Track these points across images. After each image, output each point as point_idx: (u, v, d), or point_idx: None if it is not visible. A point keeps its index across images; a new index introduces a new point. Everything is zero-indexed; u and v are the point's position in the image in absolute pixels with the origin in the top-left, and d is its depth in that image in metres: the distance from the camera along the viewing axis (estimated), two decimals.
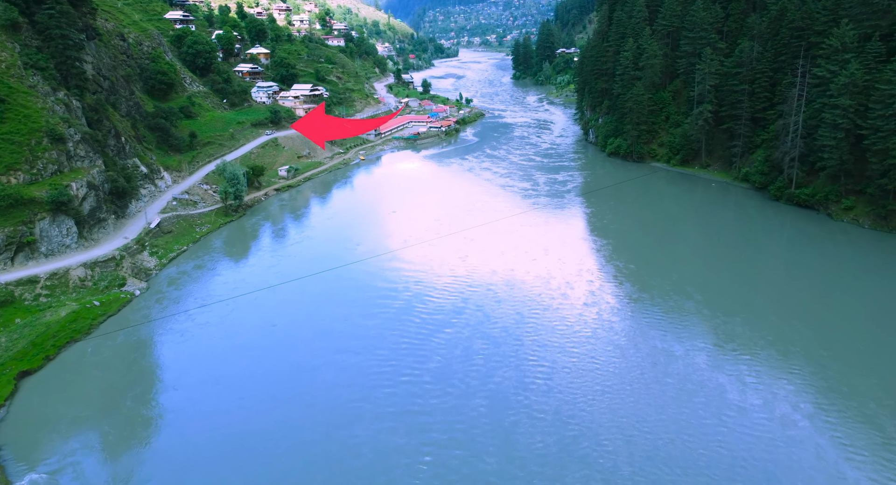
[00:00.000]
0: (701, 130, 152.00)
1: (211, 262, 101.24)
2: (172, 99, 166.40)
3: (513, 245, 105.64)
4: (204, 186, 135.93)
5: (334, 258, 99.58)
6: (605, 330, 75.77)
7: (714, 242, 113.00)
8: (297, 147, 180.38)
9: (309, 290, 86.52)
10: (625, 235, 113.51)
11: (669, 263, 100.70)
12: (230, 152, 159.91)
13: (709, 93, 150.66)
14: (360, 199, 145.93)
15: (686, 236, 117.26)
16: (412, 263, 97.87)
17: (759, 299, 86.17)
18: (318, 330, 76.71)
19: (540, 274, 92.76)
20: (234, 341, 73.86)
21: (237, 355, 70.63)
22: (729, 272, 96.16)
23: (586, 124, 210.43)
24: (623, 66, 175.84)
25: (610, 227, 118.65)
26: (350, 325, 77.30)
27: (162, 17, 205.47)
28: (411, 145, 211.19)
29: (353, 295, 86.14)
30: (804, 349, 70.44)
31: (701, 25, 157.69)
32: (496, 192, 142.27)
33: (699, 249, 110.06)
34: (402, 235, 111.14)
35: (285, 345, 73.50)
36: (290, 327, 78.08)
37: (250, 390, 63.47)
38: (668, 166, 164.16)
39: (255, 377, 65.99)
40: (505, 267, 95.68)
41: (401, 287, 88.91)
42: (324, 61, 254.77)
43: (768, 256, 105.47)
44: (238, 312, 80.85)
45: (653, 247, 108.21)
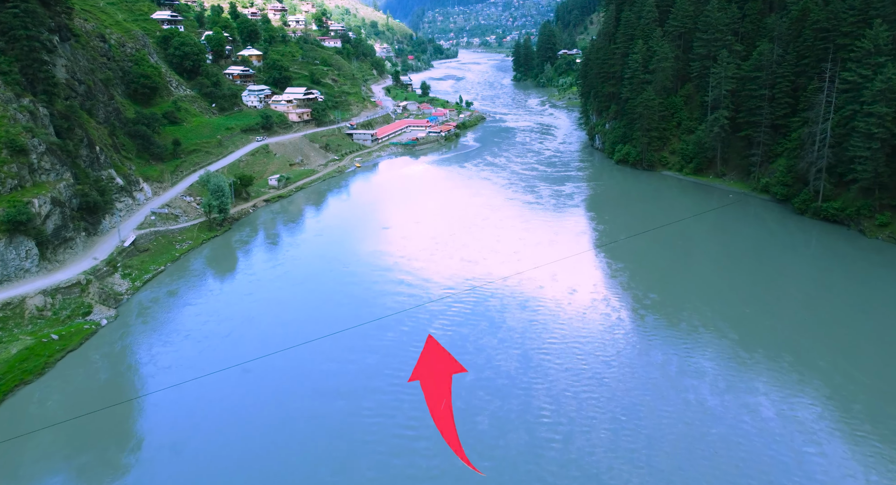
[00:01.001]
0: (716, 138, 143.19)
1: (186, 286, 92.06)
2: (157, 104, 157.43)
3: (513, 268, 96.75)
4: (187, 198, 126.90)
5: (319, 284, 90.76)
6: (628, 380, 66.85)
7: (733, 259, 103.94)
8: (290, 154, 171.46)
9: (280, 366, 69.99)
10: (638, 252, 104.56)
11: (687, 285, 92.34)
12: (217, 160, 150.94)
13: (725, 98, 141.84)
14: (353, 211, 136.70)
15: (703, 251, 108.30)
16: (402, 294, 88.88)
17: (787, 328, 77.43)
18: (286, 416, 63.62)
19: (551, 308, 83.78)
20: (202, 394, 64.40)
21: (206, 414, 61.27)
22: (751, 295, 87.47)
23: (592, 130, 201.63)
24: (632, 70, 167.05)
25: (623, 243, 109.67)
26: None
27: (149, 17, 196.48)
28: (409, 151, 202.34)
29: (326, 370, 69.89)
30: (870, 408, 60.20)
31: (716, 26, 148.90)
32: (498, 204, 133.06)
33: (717, 267, 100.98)
34: (392, 257, 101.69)
35: (261, 403, 64.47)
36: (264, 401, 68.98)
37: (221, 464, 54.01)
38: (680, 175, 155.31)
39: (227, 446, 56.47)
40: (507, 295, 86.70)
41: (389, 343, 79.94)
42: (319, 63, 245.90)
43: (793, 276, 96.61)
44: (207, 354, 71.47)
45: (669, 265, 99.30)
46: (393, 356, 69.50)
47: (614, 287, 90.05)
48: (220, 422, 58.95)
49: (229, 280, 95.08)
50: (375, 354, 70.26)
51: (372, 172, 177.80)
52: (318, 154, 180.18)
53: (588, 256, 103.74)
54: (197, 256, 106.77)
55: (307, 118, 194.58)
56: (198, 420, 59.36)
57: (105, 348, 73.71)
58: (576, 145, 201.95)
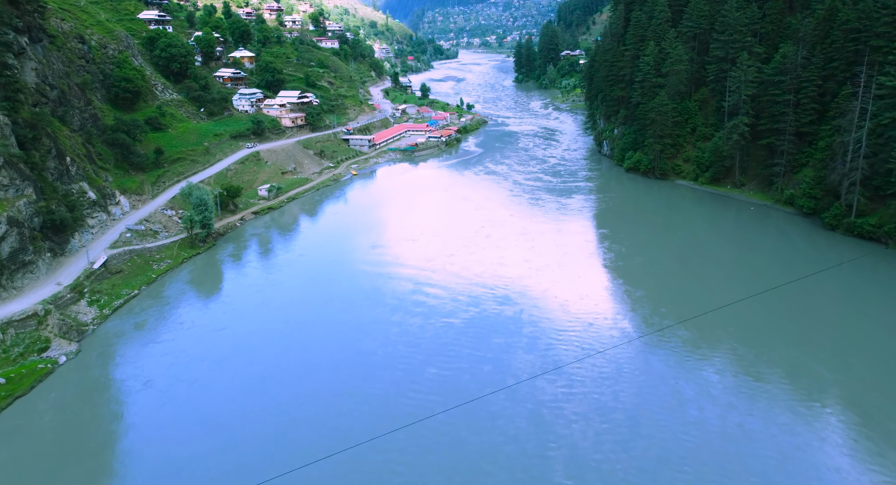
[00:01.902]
0: (735, 146, 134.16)
1: (156, 317, 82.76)
2: (140, 109, 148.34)
3: (519, 292, 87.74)
4: (168, 211, 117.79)
5: (300, 316, 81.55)
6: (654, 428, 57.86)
7: (755, 276, 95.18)
8: (282, 162, 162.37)
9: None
10: (656, 272, 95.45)
11: (709, 307, 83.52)
12: (204, 169, 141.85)
13: (745, 104, 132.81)
14: (345, 225, 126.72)
15: (724, 270, 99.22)
16: (393, 323, 79.85)
17: (821, 357, 68.72)
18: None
19: (566, 338, 74.73)
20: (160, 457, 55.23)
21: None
22: (775, 317, 79.57)
23: (599, 135, 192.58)
24: (643, 73, 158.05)
25: (639, 262, 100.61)
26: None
27: (135, 17, 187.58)
28: (408, 158, 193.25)
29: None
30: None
31: (735, 27, 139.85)
32: (501, 219, 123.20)
33: (738, 284, 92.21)
34: (383, 282, 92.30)
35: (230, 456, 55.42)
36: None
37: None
38: (695, 185, 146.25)
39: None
40: (513, 330, 77.63)
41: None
42: (315, 65, 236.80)
43: (822, 296, 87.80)
44: (169, 408, 62.16)
45: (688, 286, 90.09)
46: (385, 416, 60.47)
47: (628, 308, 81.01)
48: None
49: (204, 309, 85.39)
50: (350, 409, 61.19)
51: (369, 179, 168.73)
52: (311, 161, 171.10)
53: (600, 274, 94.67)
54: (175, 277, 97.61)
55: (301, 123, 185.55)
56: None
57: (57, 394, 64.66)
58: (582, 152, 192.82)
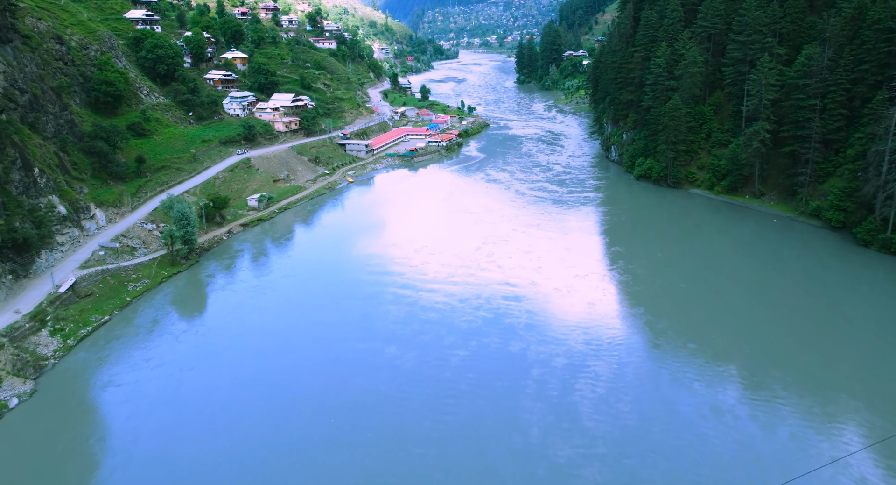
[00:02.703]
0: (755, 154, 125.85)
1: (122, 350, 74.27)
2: (123, 113, 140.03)
3: (525, 322, 79.56)
4: (148, 225, 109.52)
5: (280, 351, 73.00)
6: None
7: (777, 295, 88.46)
8: (274, 169, 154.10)
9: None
10: (678, 298, 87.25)
11: (729, 325, 76.72)
12: (190, 178, 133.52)
13: (765, 108, 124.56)
14: (337, 240, 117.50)
15: (752, 295, 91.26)
16: (385, 359, 71.72)
17: (858, 387, 60.83)
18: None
19: (581, 381, 66.56)
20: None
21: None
22: (802, 340, 73.65)
23: (607, 140, 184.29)
24: (655, 75, 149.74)
25: (658, 286, 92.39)
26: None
27: (121, 16, 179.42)
28: (408, 163, 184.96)
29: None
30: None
31: (754, 27, 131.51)
32: (503, 234, 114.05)
33: (759, 304, 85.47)
34: (376, 314, 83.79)
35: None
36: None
37: None
38: (710, 194, 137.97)
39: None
40: (519, 371, 69.47)
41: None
42: (310, 67, 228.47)
43: (853, 319, 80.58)
44: (130, 469, 53.77)
45: (716, 315, 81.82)
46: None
47: (650, 343, 72.74)
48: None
49: (175, 342, 76.11)
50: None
51: (365, 187, 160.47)
52: (305, 168, 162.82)
53: (615, 302, 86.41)
54: (150, 301, 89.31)
55: (295, 128, 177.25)
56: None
57: (8, 444, 56.43)
58: (588, 158, 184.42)
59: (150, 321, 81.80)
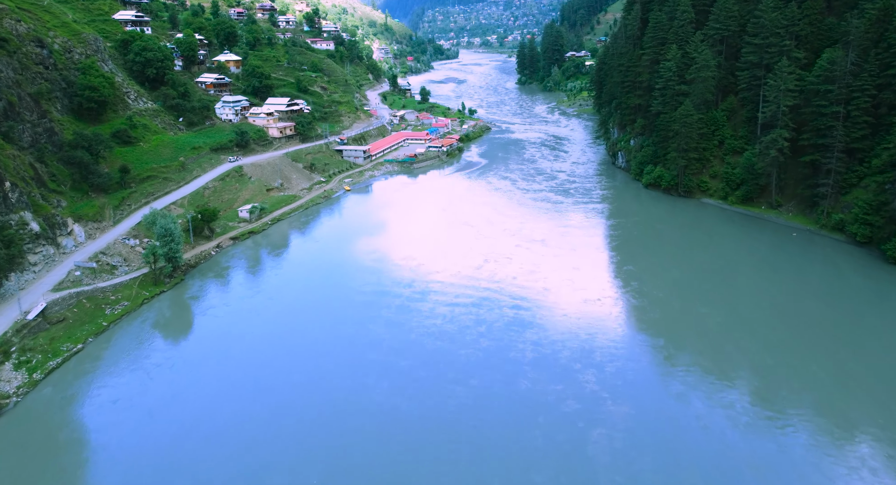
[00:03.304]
0: (772, 163, 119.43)
1: (89, 387, 67.68)
2: (109, 120, 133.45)
3: (532, 358, 73.20)
4: (130, 240, 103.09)
5: (262, 386, 66.58)
6: None
7: (800, 315, 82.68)
8: (268, 177, 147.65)
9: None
10: (702, 326, 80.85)
11: (748, 346, 70.88)
12: (177, 188, 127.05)
13: (784, 115, 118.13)
14: (331, 255, 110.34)
15: (769, 311, 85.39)
16: (374, 403, 65.39)
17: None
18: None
19: (598, 431, 60.17)
20: None
21: None
22: (829, 364, 68.40)
23: (614, 146, 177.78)
24: (665, 79, 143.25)
25: (678, 312, 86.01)
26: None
27: (109, 17, 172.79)
28: (407, 170, 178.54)
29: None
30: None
31: (771, 29, 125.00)
32: (505, 251, 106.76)
33: (780, 324, 79.85)
34: (365, 339, 77.28)
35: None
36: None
37: None
38: (724, 204, 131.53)
39: None
40: (526, 420, 63.11)
41: None
42: (307, 69, 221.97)
43: (883, 342, 74.44)
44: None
45: (745, 345, 75.36)
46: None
47: (678, 380, 66.32)
48: None
49: (146, 379, 68.30)
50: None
51: (363, 196, 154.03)
52: (300, 176, 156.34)
53: (633, 331, 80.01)
54: (128, 326, 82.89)
55: (290, 133, 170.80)
56: None
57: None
58: (594, 164, 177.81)
59: (124, 352, 75.17)
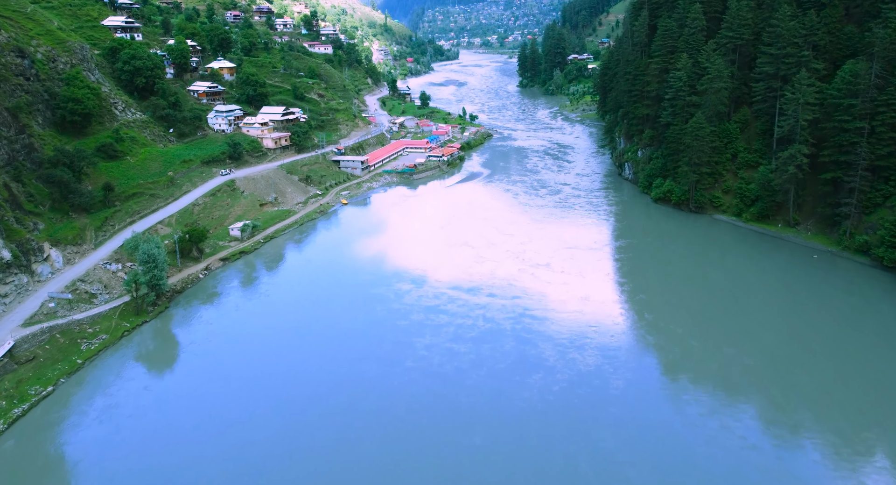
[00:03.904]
0: (790, 179, 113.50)
1: (53, 440, 61.75)
2: (95, 133, 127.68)
3: (541, 411, 67.34)
4: (112, 265, 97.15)
5: (246, 441, 60.65)
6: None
7: (823, 344, 77.78)
8: (261, 191, 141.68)
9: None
10: (728, 366, 74.96)
11: (769, 377, 64.63)
12: (165, 206, 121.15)
13: (803, 130, 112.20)
14: (324, 279, 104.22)
15: (781, 331, 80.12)
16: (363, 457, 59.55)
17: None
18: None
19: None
20: None
21: None
22: (858, 400, 63.04)
23: (620, 157, 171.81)
24: (675, 89, 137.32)
25: (699, 350, 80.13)
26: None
27: (98, 23, 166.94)
28: (406, 181, 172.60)
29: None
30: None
31: (788, 39, 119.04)
32: (508, 275, 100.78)
33: (803, 352, 74.98)
34: (354, 381, 71.89)
35: None
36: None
37: None
38: (738, 221, 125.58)
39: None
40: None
41: None
42: (304, 75, 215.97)
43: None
44: None
45: (753, 373, 69.61)
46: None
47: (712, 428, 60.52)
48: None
49: (115, 433, 62.19)
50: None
51: (361, 209, 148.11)
52: (296, 189, 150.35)
53: (651, 374, 74.13)
54: (104, 363, 76.99)
55: (285, 144, 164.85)
56: None
57: None
58: (599, 176, 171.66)
59: (95, 396, 69.14)
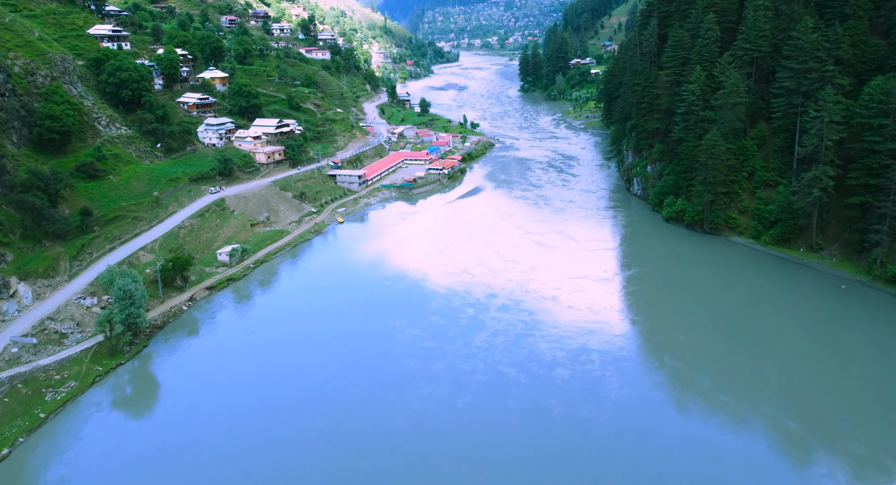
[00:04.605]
0: (815, 202, 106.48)
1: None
2: (76, 150, 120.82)
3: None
4: (86, 300, 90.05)
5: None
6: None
7: (854, 382, 72.13)
8: (252, 210, 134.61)
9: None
10: (766, 428, 68.03)
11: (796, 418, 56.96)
12: (149, 229, 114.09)
13: (828, 150, 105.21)
14: (314, 311, 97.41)
15: (812, 371, 73.15)
16: None
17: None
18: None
19: None
20: None
21: None
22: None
23: (629, 171, 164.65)
24: (687, 104, 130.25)
25: (732, 405, 73.15)
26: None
27: (84, 32, 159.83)
28: (405, 196, 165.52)
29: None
30: None
31: (810, 52, 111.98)
32: (513, 310, 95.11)
33: (835, 393, 67.95)
34: (356, 453, 64.98)
35: None
36: None
37: None
38: (756, 244, 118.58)
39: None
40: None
41: None
42: (300, 84, 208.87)
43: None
44: None
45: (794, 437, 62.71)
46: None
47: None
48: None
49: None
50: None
51: (357, 227, 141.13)
52: (289, 207, 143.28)
53: (669, 427, 67.14)
54: (71, 415, 69.95)
55: (279, 158, 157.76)
56: None
57: None
58: (607, 192, 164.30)
59: (54, 461, 62.04)
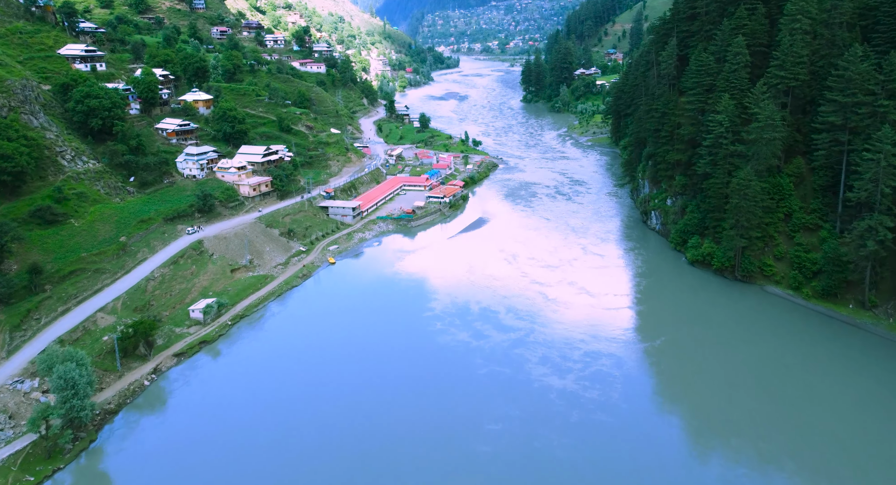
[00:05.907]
0: (869, 256, 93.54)
1: None
2: (34, 191, 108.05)
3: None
4: (24, 384, 76.85)
5: None
6: None
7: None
8: (234, 253, 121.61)
9: None
10: None
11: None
12: (112, 284, 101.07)
13: (885, 197, 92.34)
14: (297, 383, 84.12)
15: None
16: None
17: None
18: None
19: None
20: None
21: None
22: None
23: (646, 203, 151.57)
24: (715, 135, 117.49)
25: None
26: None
27: (54, 53, 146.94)
28: (403, 228, 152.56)
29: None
30: None
31: (860, 85, 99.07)
32: (517, 380, 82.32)
33: None
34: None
35: None
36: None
37: None
38: (796, 297, 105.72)
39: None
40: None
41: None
42: (291, 104, 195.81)
43: None
44: None
45: None
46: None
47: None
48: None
49: None
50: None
51: (350, 268, 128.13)
52: (275, 247, 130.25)
53: None
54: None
55: (266, 190, 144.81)
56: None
57: None
58: (621, 225, 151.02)
59: None
